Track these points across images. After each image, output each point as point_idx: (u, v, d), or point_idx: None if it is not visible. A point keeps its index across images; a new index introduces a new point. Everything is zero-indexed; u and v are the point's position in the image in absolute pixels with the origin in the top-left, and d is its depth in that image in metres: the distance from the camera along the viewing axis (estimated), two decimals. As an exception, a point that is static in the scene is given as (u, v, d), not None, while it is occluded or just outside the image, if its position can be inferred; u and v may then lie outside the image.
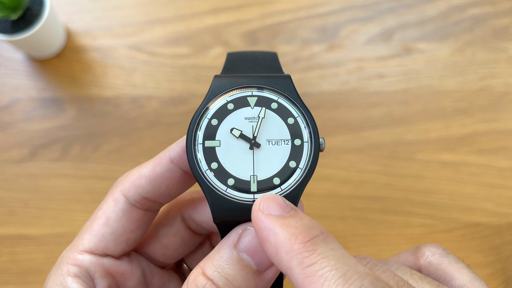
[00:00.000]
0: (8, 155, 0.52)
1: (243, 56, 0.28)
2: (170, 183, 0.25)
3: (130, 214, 0.25)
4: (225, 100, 0.24)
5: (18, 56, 0.55)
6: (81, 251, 0.25)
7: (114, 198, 0.26)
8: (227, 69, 0.26)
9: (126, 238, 0.26)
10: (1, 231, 0.50)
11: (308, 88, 0.54)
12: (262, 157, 0.23)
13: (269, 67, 0.26)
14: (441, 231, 0.50)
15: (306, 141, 0.23)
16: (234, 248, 0.21)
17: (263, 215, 0.19)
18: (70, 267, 0.24)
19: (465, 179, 0.52)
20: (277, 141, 0.23)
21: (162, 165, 0.25)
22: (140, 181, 0.25)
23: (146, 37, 0.56)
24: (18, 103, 0.54)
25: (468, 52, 0.55)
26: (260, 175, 0.23)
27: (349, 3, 0.57)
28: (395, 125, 0.53)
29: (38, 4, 0.50)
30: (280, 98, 0.24)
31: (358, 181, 0.51)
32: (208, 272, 0.21)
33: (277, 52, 0.29)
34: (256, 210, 0.20)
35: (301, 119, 0.23)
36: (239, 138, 0.23)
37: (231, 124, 0.23)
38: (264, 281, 0.21)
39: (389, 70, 0.55)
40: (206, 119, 0.23)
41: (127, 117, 0.53)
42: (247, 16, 0.56)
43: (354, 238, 0.50)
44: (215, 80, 0.24)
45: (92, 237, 0.25)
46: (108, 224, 0.25)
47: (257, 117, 0.23)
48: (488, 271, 0.49)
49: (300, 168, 0.23)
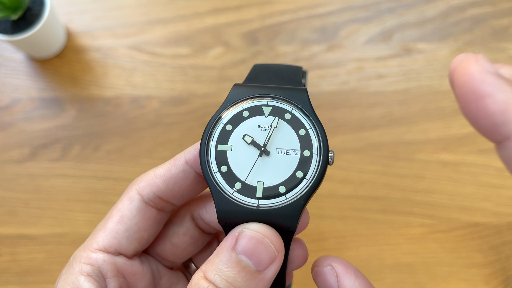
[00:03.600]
0: (9, 155, 0.52)
1: (268, 68, 0.29)
2: (183, 184, 0.26)
3: (144, 212, 0.26)
4: (241, 108, 0.25)
5: (19, 56, 0.55)
6: (94, 249, 0.25)
7: (129, 196, 0.26)
8: (249, 79, 0.27)
9: (139, 236, 0.26)
10: (1, 231, 0.50)
11: (308, 88, 0.54)
12: (270, 165, 0.23)
13: (289, 80, 0.27)
14: (441, 231, 0.50)
15: (315, 153, 0.24)
16: (232, 250, 0.22)
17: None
18: (83, 266, 0.25)
19: (465, 179, 0.52)
20: (287, 151, 0.24)
21: (177, 166, 0.26)
22: (156, 180, 0.26)
23: (146, 37, 0.56)
24: (19, 103, 0.54)
25: (468, 52, 0.55)
26: (267, 182, 0.23)
27: (349, 3, 0.57)
28: (395, 125, 0.53)
29: (39, 4, 0.50)
30: (294, 109, 0.24)
31: (358, 181, 0.52)
32: (209, 276, 0.21)
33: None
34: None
35: (313, 131, 0.24)
36: (250, 145, 0.24)
37: (244, 131, 0.24)
38: (264, 280, 0.22)
39: (389, 70, 0.55)
40: (221, 124, 0.24)
41: (127, 117, 0.53)
42: (247, 16, 0.56)
43: (354, 238, 0.50)
44: (234, 88, 0.25)
45: (106, 235, 0.25)
46: (122, 222, 0.26)
47: (270, 126, 0.24)
48: (488, 271, 0.49)
49: (306, 179, 0.23)
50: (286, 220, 0.23)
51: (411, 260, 0.49)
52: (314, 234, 0.50)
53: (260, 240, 0.22)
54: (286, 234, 0.23)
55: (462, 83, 0.16)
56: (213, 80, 0.54)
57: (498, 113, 0.15)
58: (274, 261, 0.22)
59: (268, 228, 0.22)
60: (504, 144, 0.16)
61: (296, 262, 0.27)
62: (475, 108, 0.16)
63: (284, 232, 0.23)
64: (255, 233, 0.22)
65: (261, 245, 0.22)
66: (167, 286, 0.29)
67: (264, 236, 0.22)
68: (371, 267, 0.49)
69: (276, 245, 0.22)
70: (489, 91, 0.15)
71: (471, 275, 0.49)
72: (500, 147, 0.17)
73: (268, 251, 0.22)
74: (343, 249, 0.50)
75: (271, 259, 0.22)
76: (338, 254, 0.50)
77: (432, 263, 0.50)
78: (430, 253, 0.50)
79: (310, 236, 0.50)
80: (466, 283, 0.49)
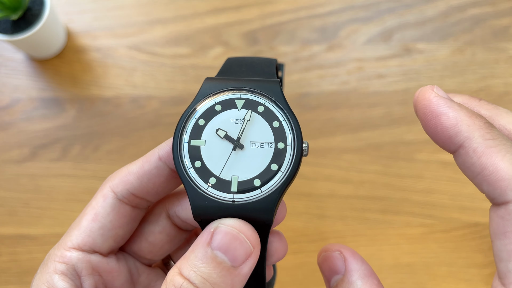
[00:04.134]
0: (9, 155, 0.52)
1: (241, 61, 0.28)
2: (157, 181, 0.26)
3: (118, 209, 0.26)
4: (213, 102, 0.24)
5: (19, 56, 0.55)
6: (69, 247, 0.25)
7: (103, 194, 0.26)
8: (221, 72, 0.27)
9: (114, 234, 0.26)
10: (1, 231, 0.50)
11: (308, 88, 0.54)
12: (244, 159, 0.23)
13: (263, 72, 0.27)
14: (441, 231, 0.50)
15: (289, 145, 0.23)
16: (207, 246, 0.22)
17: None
18: (57, 265, 0.25)
19: (465, 179, 0.51)
20: (261, 144, 0.23)
21: (151, 162, 0.25)
22: (129, 177, 0.26)
23: (146, 37, 0.56)
24: (19, 103, 0.54)
25: (468, 52, 0.55)
26: (241, 176, 0.23)
27: (349, 3, 0.57)
28: (395, 125, 0.53)
29: (39, 4, 0.50)
30: (267, 101, 0.24)
31: (358, 181, 0.52)
32: (184, 272, 0.21)
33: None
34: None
35: (286, 123, 0.24)
36: (224, 139, 0.23)
37: (217, 125, 0.24)
38: (240, 275, 0.22)
39: (389, 70, 0.55)
40: (193, 118, 0.24)
41: (127, 117, 0.53)
42: (247, 16, 0.56)
43: (354, 238, 0.50)
44: (206, 82, 0.25)
45: (80, 233, 0.25)
46: (96, 219, 0.25)
47: (243, 119, 0.24)
48: (488, 271, 0.49)
49: (281, 171, 0.23)
50: (262, 213, 0.23)
51: (411, 260, 0.49)
52: (314, 234, 0.50)
53: (235, 235, 0.21)
54: (263, 227, 0.23)
55: (422, 106, 0.22)
56: (213, 80, 0.54)
57: (451, 126, 0.20)
58: (249, 257, 0.22)
59: (243, 223, 0.22)
60: (458, 152, 0.21)
61: (275, 255, 0.27)
62: (433, 124, 0.21)
63: (261, 225, 0.23)
64: (230, 228, 0.22)
65: (236, 240, 0.21)
66: (146, 283, 0.29)
67: (239, 231, 0.22)
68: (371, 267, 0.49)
69: (251, 240, 0.22)
70: (443, 111, 0.21)
71: (471, 275, 0.49)
72: (455, 156, 0.21)
73: (244, 247, 0.21)
74: (343, 249, 0.50)
75: (247, 255, 0.22)
76: (338, 254, 0.50)
77: (432, 263, 0.50)
78: (430, 253, 0.50)
79: (310, 236, 0.50)
80: (466, 283, 0.49)
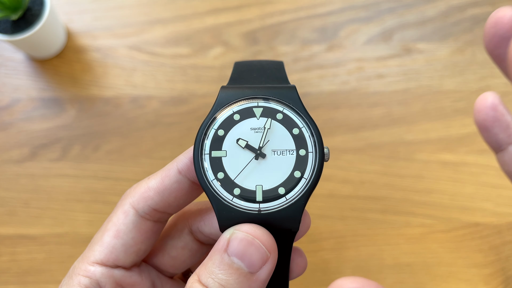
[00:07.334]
0: (8, 155, 0.52)
1: (250, 66, 0.28)
2: (179, 194, 0.25)
3: (140, 226, 0.26)
4: (232, 111, 0.24)
5: (19, 56, 0.55)
6: (92, 262, 0.25)
7: (124, 210, 0.26)
8: (233, 79, 0.27)
9: (136, 249, 0.26)
10: (1, 231, 0.50)
11: (308, 88, 0.54)
12: (267, 167, 0.23)
13: (275, 77, 0.27)
14: (441, 231, 0.50)
15: (310, 151, 0.23)
16: (224, 253, 0.22)
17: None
18: (81, 279, 0.25)
19: (465, 179, 0.52)
20: (282, 151, 0.23)
21: (171, 177, 0.25)
22: (149, 193, 0.25)
23: (146, 37, 0.56)
24: (19, 103, 0.54)
25: (468, 52, 0.55)
26: (266, 185, 0.23)
27: (349, 3, 0.57)
28: (395, 125, 0.53)
29: (38, 4, 0.50)
30: (285, 108, 0.24)
31: (358, 181, 0.52)
32: (203, 279, 0.21)
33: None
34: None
35: (306, 129, 0.24)
36: (245, 149, 0.23)
37: (237, 135, 0.24)
38: (258, 281, 0.22)
39: (389, 70, 0.55)
40: (213, 129, 0.24)
41: (127, 117, 0.53)
42: (247, 16, 0.56)
43: (354, 238, 0.50)
44: (222, 91, 0.25)
45: (103, 249, 0.25)
46: (118, 236, 0.25)
47: (263, 127, 0.24)
48: (488, 271, 0.49)
49: (305, 178, 0.23)
50: (289, 221, 0.23)
51: (411, 260, 0.49)
52: (314, 234, 0.50)
53: (250, 241, 0.22)
54: (288, 235, 0.23)
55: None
56: (213, 80, 0.54)
57: None
58: (266, 262, 0.22)
59: (258, 229, 0.22)
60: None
61: (295, 270, 0.27)
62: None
63: (287, 233, 0.23)
64: (245, 234, 0.22)
65: (252, 246, 0.21)
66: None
67: (255, 237, 0.22)
68: (371, 267, 0.49)
69: (267, 246, 0.22)
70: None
71: (471, 275, 0.49)
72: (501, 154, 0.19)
73: (260, 252, 0.21)
74: (343, 249, 0.50)
75: (263, 260, 0.22)
76: (338, 254, 0.50)
77: (432, 263, 0.50)
78: (430, 253, 0.50)
79: (310, 236, 0.50)
80: (466, 283, 0.49)
